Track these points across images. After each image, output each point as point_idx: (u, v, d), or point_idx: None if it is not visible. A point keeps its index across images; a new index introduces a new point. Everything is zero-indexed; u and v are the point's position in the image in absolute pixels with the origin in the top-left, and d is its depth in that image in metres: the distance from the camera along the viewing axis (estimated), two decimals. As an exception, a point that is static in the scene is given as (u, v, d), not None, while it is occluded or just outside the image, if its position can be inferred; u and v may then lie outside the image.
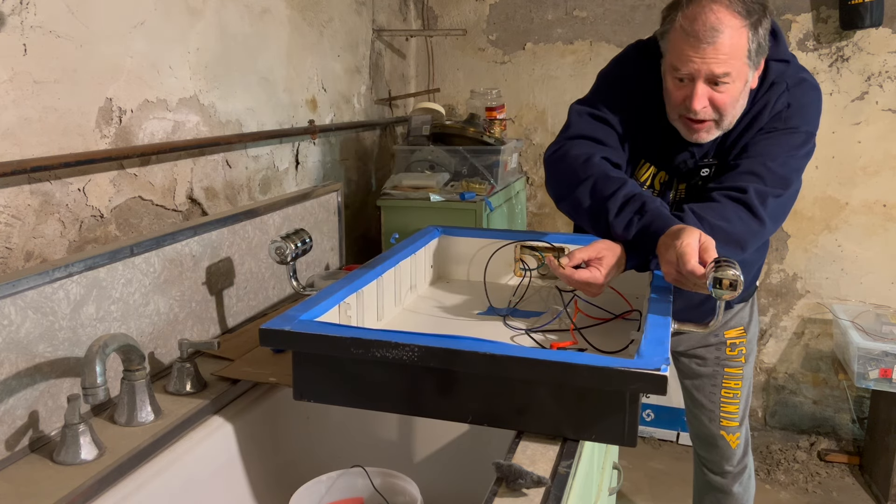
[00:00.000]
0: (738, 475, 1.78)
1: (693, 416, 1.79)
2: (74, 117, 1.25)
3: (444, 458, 1.26)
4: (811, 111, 1.38)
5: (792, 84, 1.36)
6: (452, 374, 0.98)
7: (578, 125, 1.44)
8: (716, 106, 1.29)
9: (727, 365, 1.70)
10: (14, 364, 1.00)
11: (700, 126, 1.32)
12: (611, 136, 1.42)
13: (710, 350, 1.70)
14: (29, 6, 1.15)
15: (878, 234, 2.66)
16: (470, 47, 2.98)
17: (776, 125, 1.35)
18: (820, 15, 2.56)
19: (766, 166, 1.31)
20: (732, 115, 1.32)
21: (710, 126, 1.32)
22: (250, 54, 1.77)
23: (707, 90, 1.27)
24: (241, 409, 1.21)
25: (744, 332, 1.70)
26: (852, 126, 2.61)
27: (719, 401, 1.72)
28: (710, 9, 1.22)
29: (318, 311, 1.09)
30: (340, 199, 1.99)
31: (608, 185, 1.30)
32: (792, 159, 1.33)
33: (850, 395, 2.80)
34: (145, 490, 0.99)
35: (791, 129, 1.34)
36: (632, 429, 0.93)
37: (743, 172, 1.31)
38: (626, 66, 1.48)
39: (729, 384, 1.70)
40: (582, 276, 1.19)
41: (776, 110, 1.35)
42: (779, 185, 1.31)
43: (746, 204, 1.28)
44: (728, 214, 1.27)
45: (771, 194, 1.29)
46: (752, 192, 1.28)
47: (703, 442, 1.79)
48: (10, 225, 1.14)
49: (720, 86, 1.27)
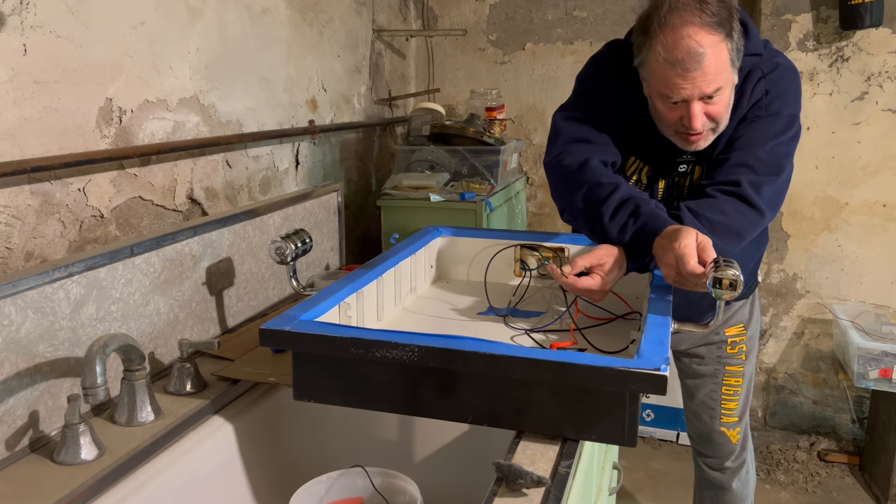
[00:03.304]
0: (737, 470, 1.78)
1: (693, 413, 1.79)
2: (74, 117, 1.25)
3: (444, 458, 1.26)
4: (790, 93, 1.38)
5: (767, 70, 1.36)
6: (452, 374, 0.98)
7: (566, 131, 1.45)
8: (711, 117, 1.31)
9: (728, 363, 1.70)
10: (14, 364, 1.00)
11: (698, 137, 1.34)
12: (598, 134, 1.43)
13: (710, 349, 1.70)
14: (29, 6, 1.15)
15: (878, 234, 2.66)
16: (470, 47, 2.98)
17: (758, 113, 1.36)
18: (820, 15, 2.56)
19: (755, 155, 1.32)
20: (726, 119, 1.34)
21: (707, 134, 1.34)
22: (250, 54, 1.77)
23: (702, 106, 1.29)
24: (241, 409, 1.21)
25: (744, 329, 1.69)
26: (852, 126, 2.61)
27: (720, 398, 1.72)
28: (686, 34, 1.22)
29: (319, 312, 1.09)
30: (340, 199, 1.99)
31: (601, 191, 1.31)
32: (780, 145, 1.34)
33: (850, 395, 2.80)
34: (145, 490, 0.99)
35: (773, 115, 1.35)
36: (632, 429, 0.93)
37: (734, 165, 1.33)
38: (603, 66, 1.49)
39: (730, 381, 1.70)
40: (584, 283, 1.21)
41: (755, 98, 1.36)
42: (771, 172, 1.32)
43: (742, 196, 1.29)
44: (725, 208, 1.28)
45: (765, 182, 1.31)
46: (745, 183, 1.29)
47: (703, 438, 1.79)
48: (11, 225, 1.14)
49: (713, 98, 1.28)
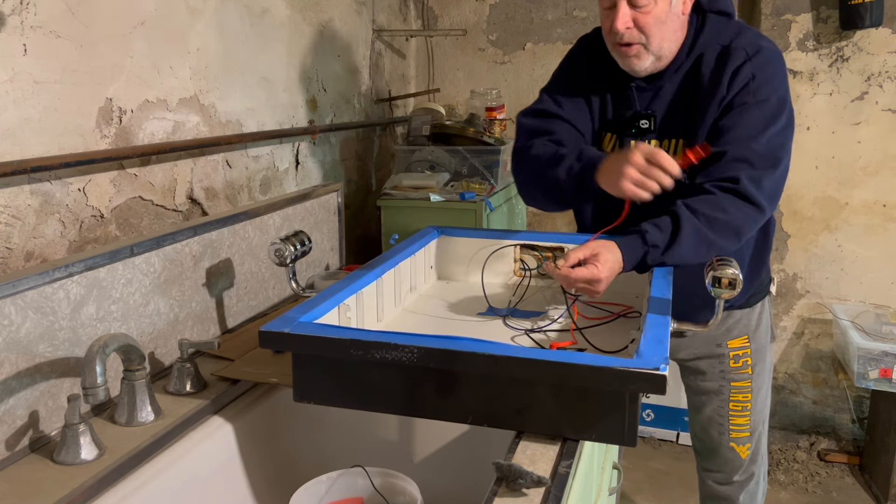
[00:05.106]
0: (745, 483, 1.71)
1: (700, 428, 1.71)
2: (74, 117, 1.25)
3: (444, 458, 1.26)
4: (777, 78, 1.38)
5: (752, 53, 1.36)
6: (452, 374, 0.98)
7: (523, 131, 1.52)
8: (640, 27, 1.33)
9: (733, 378, 1.62)
10: (14, 364, 1.00)
11: (629, 50, 1.35)
12: (556, 122, 1.48)
13: (712, 363, 1.62)
14: (29, 6, 1.15)
15: (878, 234, 2.66)
16: (470, 47, 2.98)
17: (745, 99, 1.34)
18: (820, 15, 2.56)
19: (752, 149, 1.31)
20: (660, 37, 1.34)
21: (639, 50, 1.35)
22: (250, 54, 1.77)
23: (629, 11, 1.32)
24: (241, 409, 1.21)
25: (748, 341, 1.61)
26: (852, 126, 2.61)
27: (728, 414, 1.64)
28: None
29: (318, 313, 1.09)
30: (340, 199, 1.99)
31: (547, 157, 1.40)
32: (775, 136, 1.33)
33: (850, 395, 2.80)
34: (145, 490, 0.99)
35: (762, 101, 1.34)
36: (632, 429, 0.93)
37: (731, 161, 1.31)
38: (572, 55, 1.57)
39: (737, 398, 1.62)
40: (581, 273, 1.18)
41: (740, 82, 1.35)
42: (769, 165, 1.31)
43: (741, 193, 1.29)
44: (724, 205, 1.28)
45: (764, 176, 1.30)
46: (744, 179, 1.28)
47: (709, 453, 1.71)
48: (11, 225, 1.14)
49: (642, 8, 1.31)
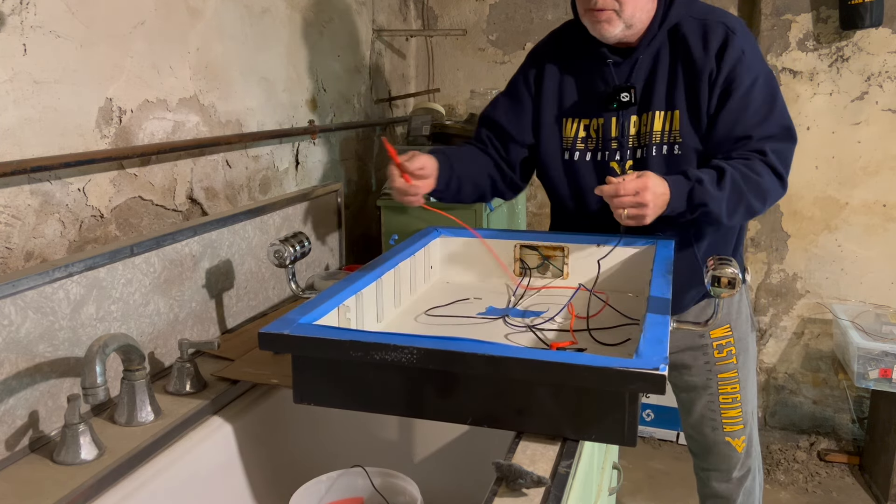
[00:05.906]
0: (743, 479, 1.71)
1: (692, 428, 1.70)
2: (74, 117, 1.25)
3: (444, 458, 1.26)
4: (759, 53, 1.47)
5: (732, 26, 1.42)
6: (452, 375, 0.98)
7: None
8: None
9: (719, 370, 1.61)
10: (14, 364, 1.00)
11: (601, 15, 1.37)
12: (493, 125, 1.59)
13: (696, 355, 1.61)
14: (29, 6, 1.15)
15: (878, 234, 2.66)
16: (470, 47, 2.98)
17: (741, 74, 1.39)
18: (820, 15, 2.56)
19: (769, 124, 1.39)
20: (633, 5, 1.36)
21: (610, 16, 1.37)
22: (250, 54, 1.77)
23: None
24: (241, 409, 1.21)
25: (730, 330, 1.59)
26: (852, 126, 2.61)
27: (719, 408, 1.63)
28: None
29: (318, 315, 1.09)
30: (340, 199, 1.99)
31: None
32: (783, 109, 1.42)
33: (849, 395, 2.80)
34: (145, 490, 0.99)
35: (758, 77, 1.40)
36: (632, 429, 0.93)
37: (757, 140, 1.39)
38: (535, 49, 1.61)
39: (726, 390, 1.62)
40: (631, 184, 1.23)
41: (733, 56, 1.39)
42: (787, 139, 1.40)
43: (770, 164, 1.36)
44: (758, 169, 1.35)
45: (785, 150, 1.39)
46: (770, 153, 1.36)
47: (706, 451, 1.71)
48: (10, 225, 1.14)
49: None
